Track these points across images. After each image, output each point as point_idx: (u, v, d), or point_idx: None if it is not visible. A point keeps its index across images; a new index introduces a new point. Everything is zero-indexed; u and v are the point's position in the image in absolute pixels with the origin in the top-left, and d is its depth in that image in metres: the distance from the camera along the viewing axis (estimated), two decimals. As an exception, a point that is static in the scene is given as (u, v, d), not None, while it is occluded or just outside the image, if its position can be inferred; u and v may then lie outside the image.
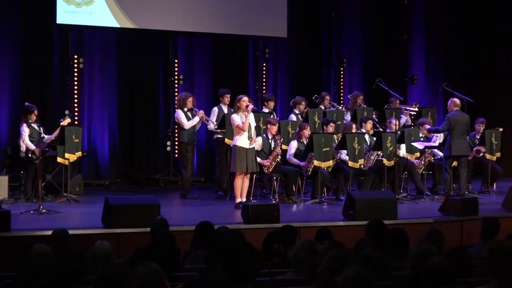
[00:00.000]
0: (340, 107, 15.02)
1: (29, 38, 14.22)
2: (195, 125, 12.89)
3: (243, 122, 11.38)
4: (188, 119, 12.82)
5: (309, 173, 12.39)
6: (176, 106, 13.44)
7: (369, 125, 13.29)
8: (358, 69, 17.60)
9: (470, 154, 13.03)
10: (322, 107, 14.16)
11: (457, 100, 12.89)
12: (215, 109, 13.08)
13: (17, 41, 14.14)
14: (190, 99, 12.92)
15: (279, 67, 16.85)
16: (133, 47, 15.28)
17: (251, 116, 11.52)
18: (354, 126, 13.01)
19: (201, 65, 15.91)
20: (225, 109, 12.96)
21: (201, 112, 12.85)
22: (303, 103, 13.86)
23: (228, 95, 13.05)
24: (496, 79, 17.81)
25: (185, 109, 12.86)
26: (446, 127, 12.56)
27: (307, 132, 12.58)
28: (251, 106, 11.50)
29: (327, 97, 14.40)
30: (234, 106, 11.74)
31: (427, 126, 13.15)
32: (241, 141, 11.46)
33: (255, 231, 8.88)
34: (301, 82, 16.66)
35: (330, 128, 12.68)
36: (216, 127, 12.76)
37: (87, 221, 10.19)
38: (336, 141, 12.77)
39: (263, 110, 13.81)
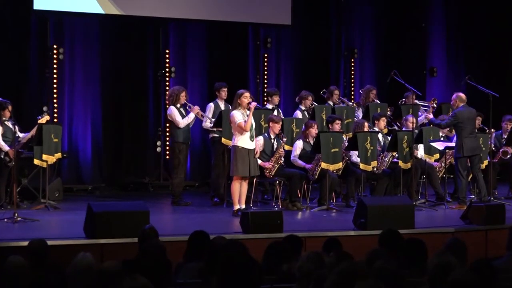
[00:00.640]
0: (351, 103, 15.03)
1: (2, 26, 14.21)
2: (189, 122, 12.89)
3: (245, 121, 11.36)
4: (182, 116, 12.80)
5: (316, 177, 12.39)
6: (167, 101, 13.43)
7: (382, 123, 13.29)
8: (371, 61, 17.61)
9: (482, 153, 12.95)
10: (331, 103, 14.15)
11: (463, 95, 12.80)
12: (211, 105, 13.08)
13: (-11, 30, 14.19)
14: (183, 94, 12.90)
15: (282, 58, 16.86)
16: (119, 36, 15.28)
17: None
18: (366, 124, 13.01)
19: (195, 56, 15.91)
20: (222, 105, 12.95)
21: (196, 108, 12.83)
22: (310, 98, 13.84)
23: (225, 89, 13.04)
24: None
25: (178, 105, 12.85)
26: (450, 123, 12.52)
27: (314, 130, 12.57)
28: (254, 104, 11.46)
29: (336, 92, 14.40)
30: (233, 102, 11.66)
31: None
32: (243, 141, 11.42)
33: (255, 242, 8.88)
34: (307, 75, 16.66)
35: (336, 126, 12.64)
36: (212, 125, 12.75)
37: (68, 230, 10.22)
38: (346, 140, 12.78)
39: (266, 106, 13.82)
